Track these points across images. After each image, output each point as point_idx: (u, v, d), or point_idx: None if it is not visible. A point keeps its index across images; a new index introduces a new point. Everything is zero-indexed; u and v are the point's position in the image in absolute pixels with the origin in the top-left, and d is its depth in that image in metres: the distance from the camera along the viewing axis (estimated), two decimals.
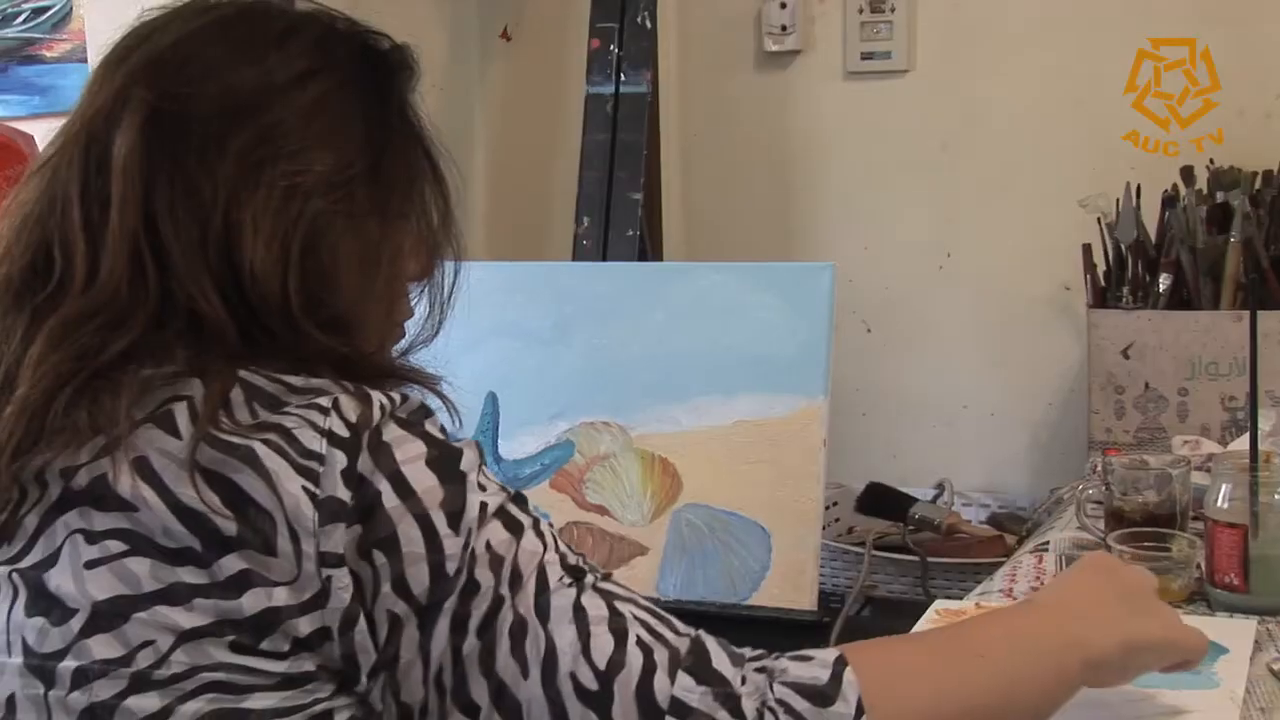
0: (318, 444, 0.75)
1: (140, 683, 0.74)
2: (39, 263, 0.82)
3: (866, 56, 2.40)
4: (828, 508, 2.16)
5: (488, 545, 0.77)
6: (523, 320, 1.84)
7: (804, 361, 1.68)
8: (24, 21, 2.50)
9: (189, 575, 0.74)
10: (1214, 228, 1.98)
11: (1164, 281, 2.01)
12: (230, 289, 0.80)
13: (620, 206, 2.26)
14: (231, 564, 0.74)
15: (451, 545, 0.76)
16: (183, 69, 0.83)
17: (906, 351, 2.45)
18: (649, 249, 2.32)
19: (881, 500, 2.12)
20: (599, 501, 1.74)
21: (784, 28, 2.44)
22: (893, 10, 2.37)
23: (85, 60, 2.33)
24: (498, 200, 2.70)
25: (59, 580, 0.76)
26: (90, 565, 0.76)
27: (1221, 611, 1.31)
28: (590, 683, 0.75)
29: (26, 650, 0.77)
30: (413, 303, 0.95)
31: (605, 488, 1.74)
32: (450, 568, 0.75)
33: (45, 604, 0.76)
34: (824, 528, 1.82)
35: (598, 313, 1.81)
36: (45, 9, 2.49)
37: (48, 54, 2.73)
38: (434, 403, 0.87)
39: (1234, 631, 1.24)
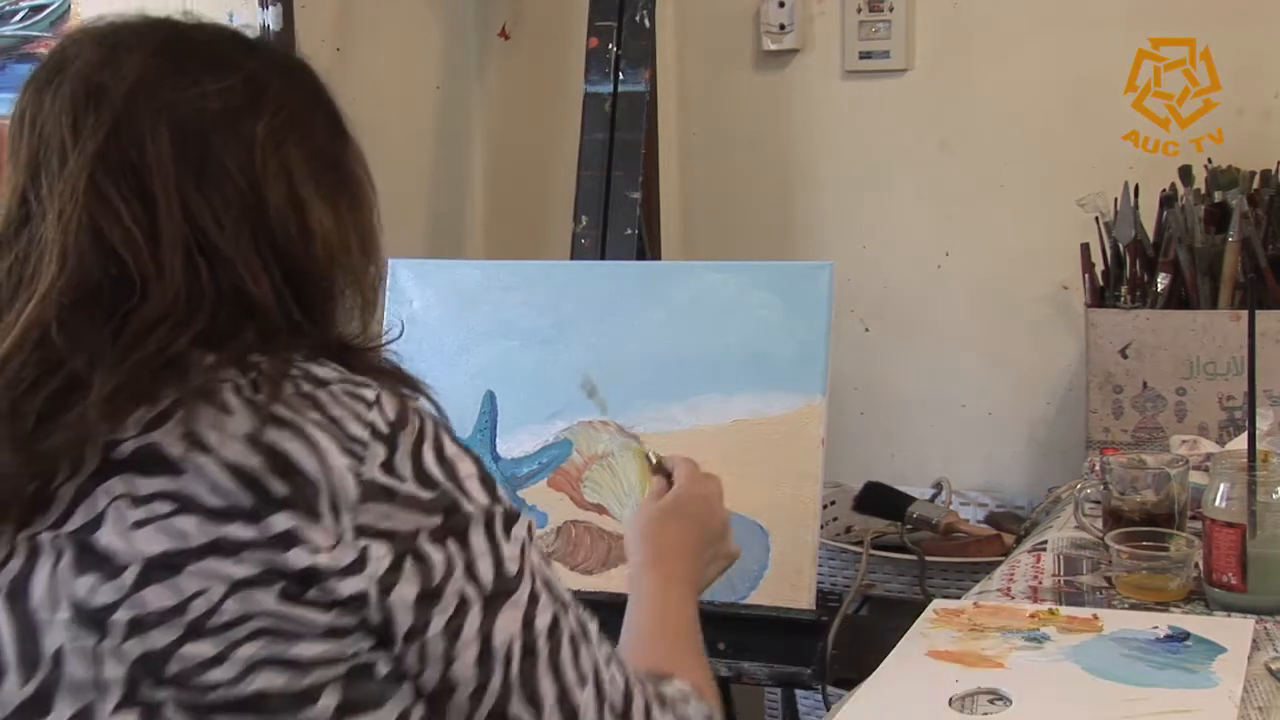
0: (361, 432, 0.81)
1: (194, 631, 0.78)
2: (97, 277, 0.85)
3: (865, 55, 2.40)
4: (826, 507, 2.16)
5: (533, 562, 0.86)
6: (521, 319, 1.84)
7: (802, 360, 1.68)
8: (21, 19, 2.49)
9: (236, 530, 0.78)
10: (1212, 227, 1.99)
11: (1162, 281, 2.01)
12: (277, 274, 0.87)
13: (618, 205, 2.26)
14: (280, 521, 0.79)
15: (510, 549, 0.84)
16: (180, 75, 0.87)
17: (905, 350, 2.45)
18: (647, 248, 2.32)
19: (879, 499, 2.12)
20: (597, 500, 1.74)
21: (782, 26, 2.44)
22: (891, 9, 2.36)
23: None
24: (496, 199, 2.70)
25: (107, 540, 0.79)
26: (137, 525, 0.79)
27: (1219, 610, 1.31)
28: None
29: (75, 605, 0.79)
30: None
31: (603, 486, 1.74)
32: (511, 568, 0.84)
33: (93, 561, 0.79)
34: (822, 527, 1.82)
35: (596, 312, 1.81)
36: (43, 6, 2.49)
37: (45, 52, 2.72)
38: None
39: (1232, 631, 1.24)
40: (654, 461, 1.30)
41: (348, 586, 0.79)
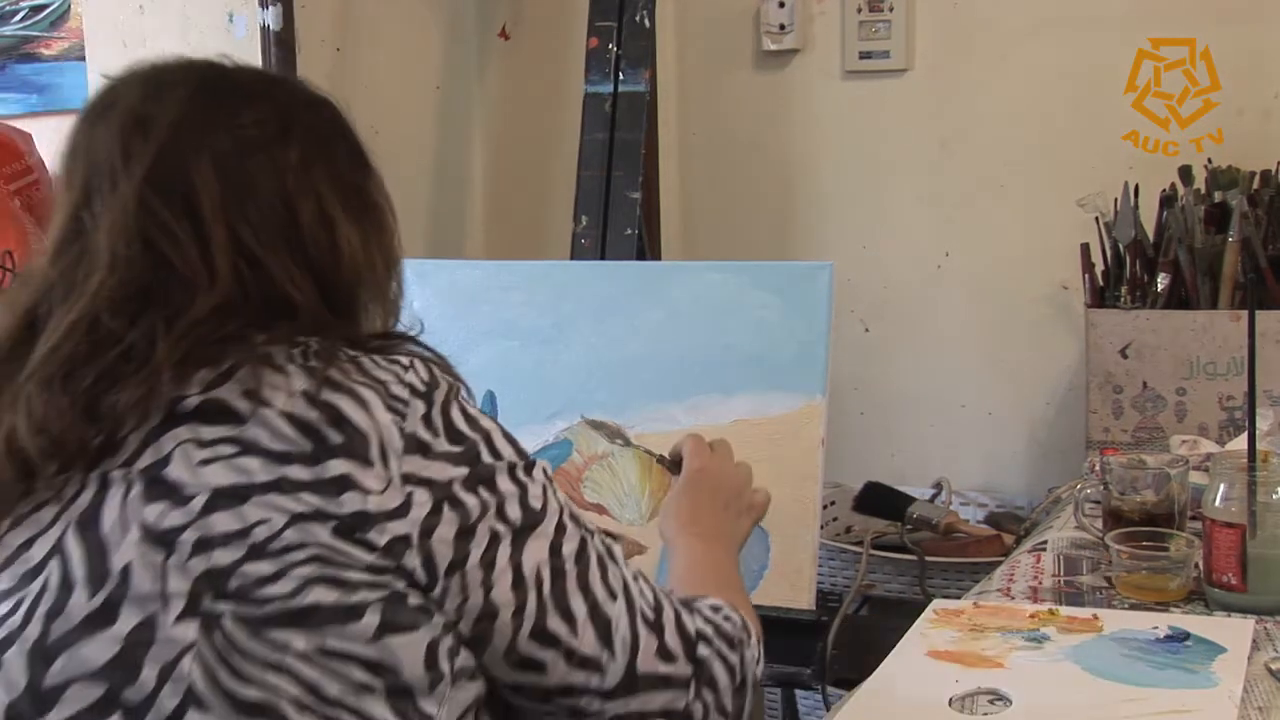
0: (402, 391, 0.92)
1: (256, 552, 0.86)
2: (147, 279, 0.94)
3: (865, 55, 2.40)
4: (826, 507, 2.16)
5: (559, 499, 0.97)
6: (521, 319, 1.84)
7: (802, 360, 1.68)
8: (21, 19, 2.49)
9: (296, 472, 0.88)
10: (1212, 227, 1.98)
11: (1162, 281, 2.01)
12: (311, 284, 0.97)
13: (618, 205, 2.26)
14: (336, 466, 0.88)
15: (534, 489, 0.95)
16: (219, 108, 0.97)
17: (905, 351, 2.45)
18: (647, 248, 2.32)
19: (879, 499, 2.12)
20: (597, 500, 1.74)
21: (782, 26, 2.44)
22: (891, 9, 2.37)
23: (83, 58, 2.33)
24: (496, 199, 2.70)
25: (177, 474, 0.88)
26: (204, 463, 0.88)
27: (1219, 611, 1.31)
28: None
29: (144, 528, 0.87)
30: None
31: (603, 487, 1.74)
32: (535, 505, 0.94)
33: (163, 491, 0.88)
34: (822, 527, 1.82)
35: (596, 312, 1.81)
36: (43, 6, 2.49)
37: (45, 52, 2.72)
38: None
39: (1232, 631, 1.24)
40: (667, 460, 1.37)
41: (392, 529, 0.88)
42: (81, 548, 0.89)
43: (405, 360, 0.95)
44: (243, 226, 0.94)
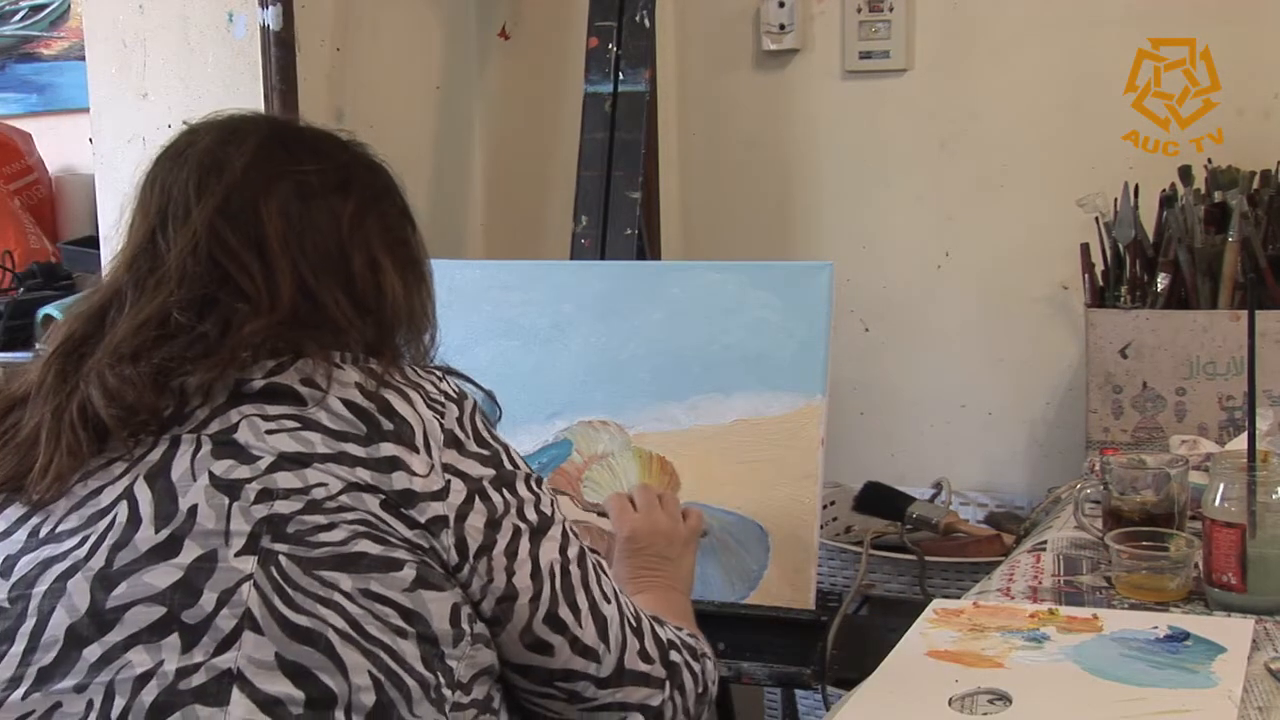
0: (439, 395, 1.05)
1: (313, 507, 0.97)
2: (213, 291, 1.06)
3: (865, 55, 2.40)
4: (825, 507, 2.16)
5: (563, 511, 1.11)
6: (520, 319, 1.84)
7: (802, 360, 1.68)
8: (21, 19, 2.50)
9: (353, 449, 0.99)
10: (1212, 227, 1.99)
11: (1162, 281, 2.01)
12: (359, 317, 1.09)
13: (618, 205, 2.26)
14: (387, 449, 1.00)
15: (545, 498, 1.09)
16: (288, 157, 1.09)
17: (904, 350, 2.45)
18: (647, 248, 2.32)
19: (879, 499, 2.12)
20: (597, 500, 1.74)
21: (782, 26, 2.44)
22: (891, 9, 2.37)
23: (83, 58, 2.32)
24: (496, 199, 2.70)
25: (244, 439, 0.99)
26: (270, 432, 0.99)
27: (1219, 611, 1.31)
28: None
29: (213, 476, 0.98)
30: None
31: (603, 486, 1.74)
32: (547, 511, 1.09)
33: (231, 451, 0.99)
34: (822, 527, 1.82)
35: (596, 312, 1.81)
36: (42, 6, 2.49)
37: (45, 51, 2.72)
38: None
39: (1232, 631, 1.24)
40: (606, 514, 1.50)
41: (433, 509, 1.00)
42: (150, 492, 0.98)
43: (439, 373, 1.08)
44: (301, 261, 1.06)
